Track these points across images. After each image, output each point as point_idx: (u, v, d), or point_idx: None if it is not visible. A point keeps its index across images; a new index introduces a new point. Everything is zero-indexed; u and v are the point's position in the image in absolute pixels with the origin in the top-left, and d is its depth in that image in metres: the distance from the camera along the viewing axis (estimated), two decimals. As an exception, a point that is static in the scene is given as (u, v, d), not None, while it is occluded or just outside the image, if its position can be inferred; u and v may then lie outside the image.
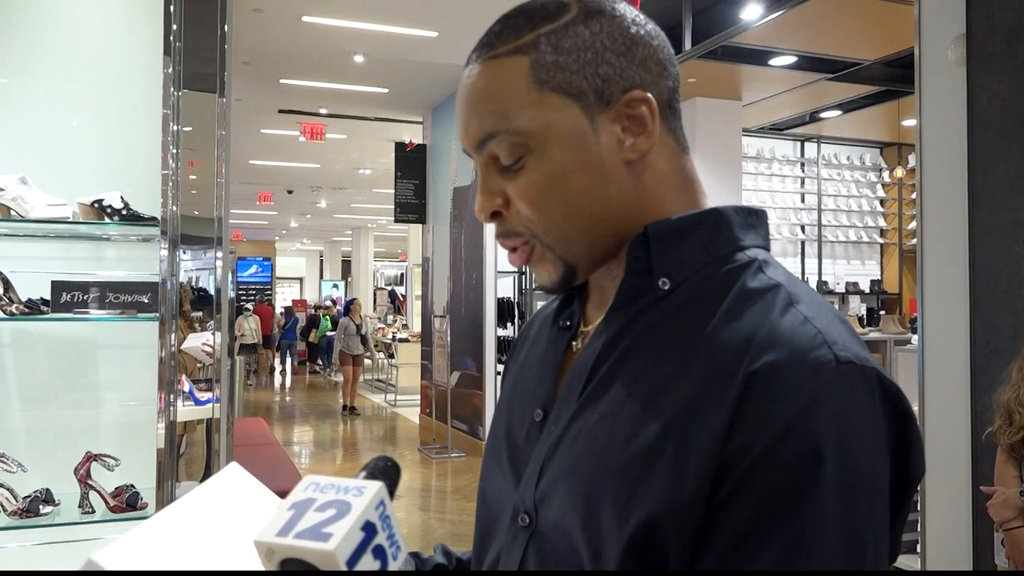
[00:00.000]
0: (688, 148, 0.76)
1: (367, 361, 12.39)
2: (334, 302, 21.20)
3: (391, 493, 0.67)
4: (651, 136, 0.71)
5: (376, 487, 0.64)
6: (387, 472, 0.69)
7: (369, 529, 0.62)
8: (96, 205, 2.32)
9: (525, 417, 0.77)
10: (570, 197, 0.71)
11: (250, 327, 15.15)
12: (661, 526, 0.61)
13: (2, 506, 2.20)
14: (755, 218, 0.75)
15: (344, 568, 0.59)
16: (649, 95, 0.71)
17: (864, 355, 0.64)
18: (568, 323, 0.80)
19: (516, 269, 7.83)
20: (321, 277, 27.09)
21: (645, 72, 0.71)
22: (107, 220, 2.33)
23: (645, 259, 0.71)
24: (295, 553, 0.60)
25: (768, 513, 0.58)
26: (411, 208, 9.20)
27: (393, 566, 0.64)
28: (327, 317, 17.90)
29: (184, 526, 0.75)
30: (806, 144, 8.96)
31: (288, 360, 17.43)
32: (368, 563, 0.61)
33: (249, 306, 17.20)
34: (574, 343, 0.79)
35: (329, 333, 17.47)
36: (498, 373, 7.77)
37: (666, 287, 0.70)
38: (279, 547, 0.60)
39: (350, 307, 12.10)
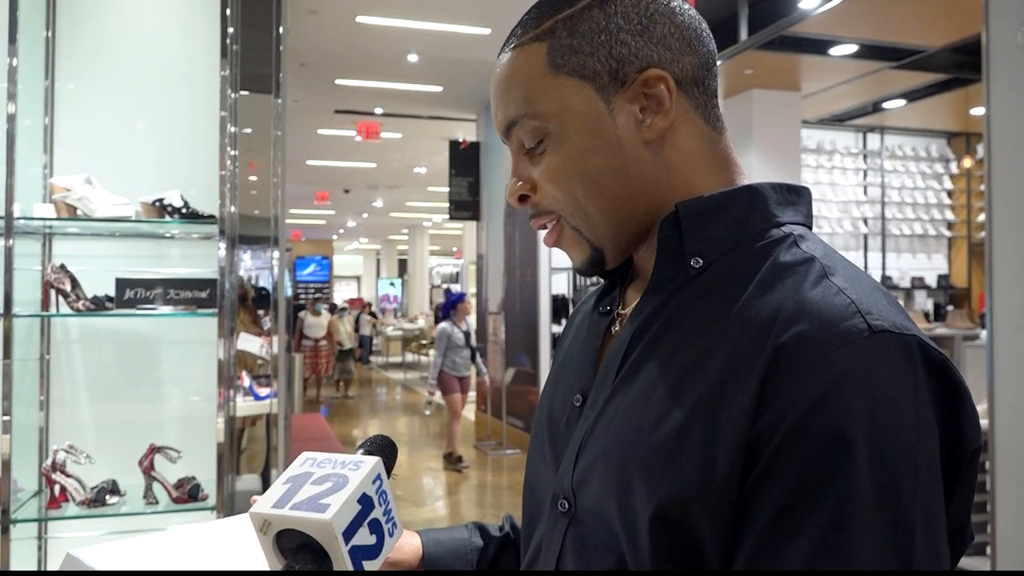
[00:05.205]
0: (723, 127, 0.74)
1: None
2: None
3: (388, 471, 0.67)
4: (668, 114, 0.70)
5: (373, 461, 0.65)
6: (384, 449, 0.70)
7: (366, 502, 0.62)
8: (157, 204, 2.39)
9: (566, 403, 0.77)
10: (591, 178, 0.71)
11: (345, 330, 12.34)
12: (692, 508, 0.60)
13: (72, 496, 2.29)
14: (795, 195, 0.73)
15: (339, 538, 0.59)
16: (666, 73, 0.70)
17: (903, 323, 0.60)
18: (608, 308, 0.80)
19: (570, 266, 7.79)
20: (378, 275, 27.45)
21: (665, 50, 0.70)
22: (168, 219, 2.39)
23: (676, 238, 0.70)
24: (291, 524, 0.60)
25: (801, 493, 0.56)
26: (465, 205, 9.25)
27: (389, 543, 0.64)
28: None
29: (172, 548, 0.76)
30: (869, 135, 8.71)
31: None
32: (364, 537, 0.62)
33: (344, 304, 14.34)
34: (613, 327, 0.78)
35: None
36: (553, 370, 7.76)
37: (699, 266, 0.69)
38: (275, 518, 0.60)
39: (453, 309, 7.48)
